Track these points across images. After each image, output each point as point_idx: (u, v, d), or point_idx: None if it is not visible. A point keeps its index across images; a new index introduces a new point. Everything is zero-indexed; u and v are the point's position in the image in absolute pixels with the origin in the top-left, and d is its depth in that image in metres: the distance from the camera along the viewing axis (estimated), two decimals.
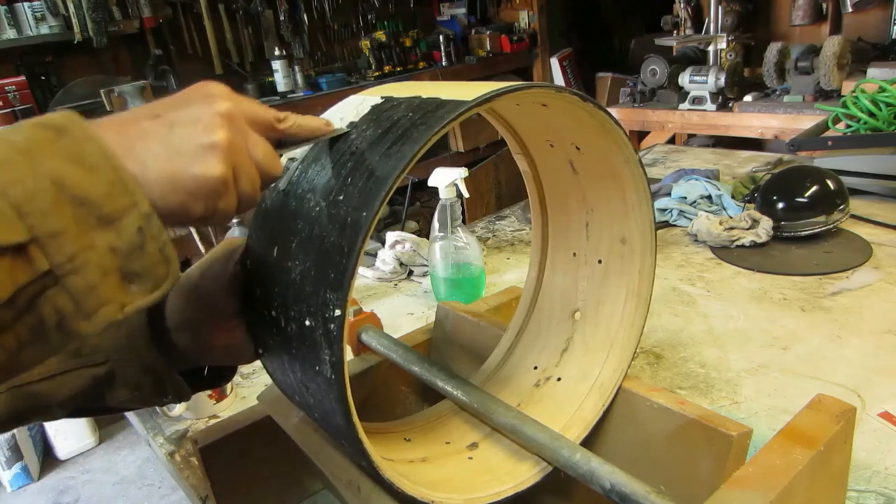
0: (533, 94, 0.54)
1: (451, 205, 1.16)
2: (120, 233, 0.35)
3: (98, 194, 0.34)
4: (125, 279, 0.36)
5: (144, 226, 0.36)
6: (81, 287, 0.34)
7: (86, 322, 0.34)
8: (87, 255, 0.34)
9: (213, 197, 0.40)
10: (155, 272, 0.37)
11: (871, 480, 0.72)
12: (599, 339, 0.70)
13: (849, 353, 0.96)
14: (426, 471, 0.63)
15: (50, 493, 2.49)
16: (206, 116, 0.40)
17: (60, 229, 0.33)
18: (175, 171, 0.38)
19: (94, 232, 0.34)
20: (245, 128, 0.43)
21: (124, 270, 0.36)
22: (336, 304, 0.44)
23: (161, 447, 0.91)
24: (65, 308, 0.34)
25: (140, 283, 0.36)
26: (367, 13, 4.24)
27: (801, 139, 1.59)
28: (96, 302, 0.35)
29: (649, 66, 2.91)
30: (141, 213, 0.36)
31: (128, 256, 0.35)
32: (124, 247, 0.35)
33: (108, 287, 0.35)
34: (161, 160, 0.38)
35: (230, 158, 0.40)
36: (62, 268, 0.33)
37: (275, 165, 0.45)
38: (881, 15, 2.91)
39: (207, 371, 0.60)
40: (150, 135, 0.38)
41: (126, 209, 0.35)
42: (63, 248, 0.33)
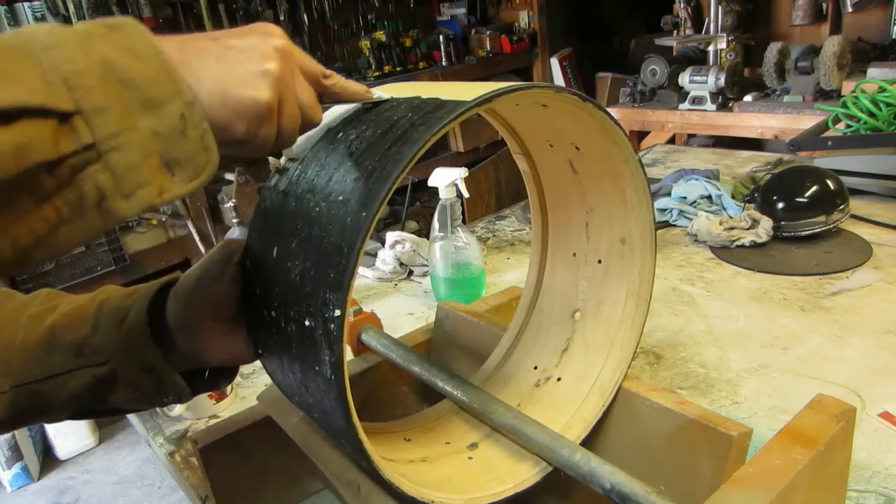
0: (533, 95, 0.54)
1: (451, 205, 1.16)
2: (163, 117, 0.36)
3: (144, 79, 0.36)
4: (166, 165, 0.37)
5: (187, 113, 0.37)
6: (122, 165, 0.35)
7: (125, 202, 0.35)
8: (129, 134, 0.35)
9: (257, 121, 0.42)
10: (195, 160, 0.38)
11: (871, 480, 0.72)
12: (599, 339, 0.70)
13: (849, 353, 0.96)
14: (426, 471, 0.63)
15: (50, 493, 2.49)
16: (263, 47, 0.42)
17: (105, 106, 0.34)
18: (226, 88, 0.40)
19: (138, 114, 0.36)
20: (295, 68, 0.45)
21: (165, 156, 0.37)
22: (336, 304, 0.44)
23: (161, 447, 0.91)
24: (105, 185, 0.35)
25: (180, 170, 0.38)
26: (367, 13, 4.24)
27: (801, 139, 1.59)
28: (136, 182, 0.35)
29: (649, 66, 2.91)
30: (184, 100, 0.37)
31: (169, 141, 0.37)
32: (166, 131, 0.36)
33: (149, 169, 0.36)
34: (214, 76, 0.40)
35: (278, 89, 0.42)
36: (105, 143, 0.34)
37: (316, 110, 0.47)
38: (881, 15, 2.91)
39: (208, 373, 0.60)
40: (207, 52, 0.40)
41: (170, 96, 0.37)
42: (107, 124, 0.34)
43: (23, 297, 0.58)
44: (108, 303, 0.55)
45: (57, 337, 0.53)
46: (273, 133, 0.43)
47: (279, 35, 0.44)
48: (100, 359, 0.52)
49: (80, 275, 2.56)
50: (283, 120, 0.44)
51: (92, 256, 2.58)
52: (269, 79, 0.42)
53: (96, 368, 0.52)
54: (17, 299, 0.57)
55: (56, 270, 2.49)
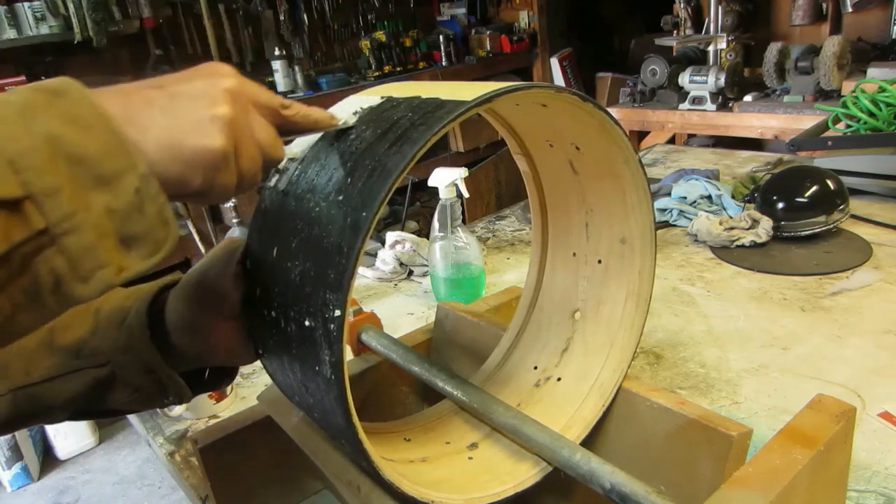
0: (533, 95, 0.54)
1: (451, 205, 1.16)
2: (117, 194, 0.34)
3: (94, 153, 0.34)
4: (123, 243, 0.35)
5: (142, 187, 0.35)
6: (78, 248, 0.33)
7: (83, 285, 0.34)
8: (83, 215, 0.33)
9: (213, 170, 0.39)
10: (154, 235, 0.36)
11: (871, 480, 0.72)
12: (599, 339, 0.70)
13: (849, 353, 0.96)
14: (426, 471, 0.63)
15: (50, 493, 2.49)
16: (212, 91, 0.40)
17: (56, 187, 0.32)
18: (175, 139, 0.38)
19: (91, 192, 0.34)
20: (249, 107, 0.42)
21: (122, 233, 0.35)
22: (336, 304, 0.44)
23: (161, 447, 0.91)
24: (61, 270, 0.33)
25: (139, 246, 0.36)
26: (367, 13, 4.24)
27: (801, 139, 1.59)
28: (93, 264, 0.34)
29: (649, 66, 2.91)
30: (138, 173, 0.35)
31: (126, 218, 0.35)
32: (122, 208, 0.35)
33: (106, 249, 0.34)
34: (162, 128, 0.37)
35: (232, 133, 0.40)
36: (58, 227, 0.32)
37: (277, 148, 0.45)
38: (881, 15, 2.91)
39: (209, 373, 0.60)
40: (152, 103, 0.38)
41: (123, 170, 0.35)
42: (59, 207, 0.32)
43: None
44: (108, 304, 0.55)
45: (55, 339, 0.53)
46: (233, 180, 0.41)
47: (228, 74, 0.42)
48: (99, 360, 0.52)
49: None
50: (242, 164, 0.41)
51: None
52: (221, 124, 0.39)
53: (96, 370, 0.52)
54: None
55: None
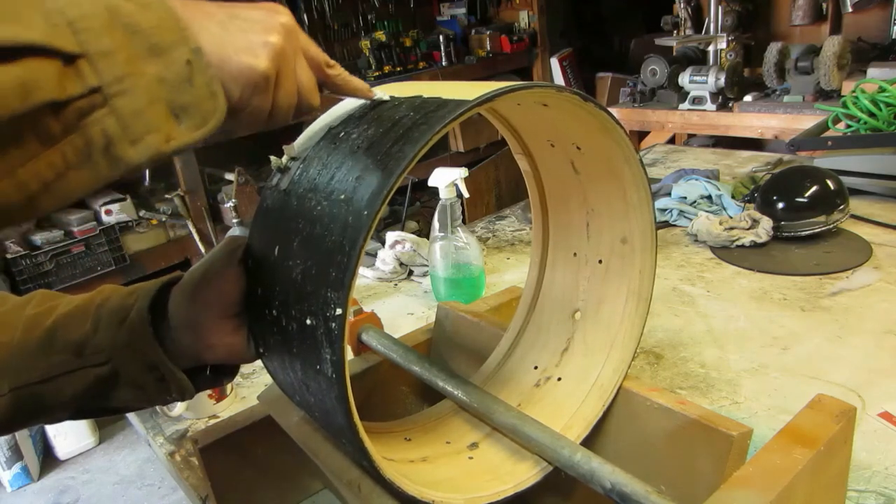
0: (534, 94, 0.54)
1: (451, 205, 1.16)
2: (168, 64, 0.36)
3: (149, 25, 0.36)
4: (173, 112, 0.37)
5: (193, 60, 0.37)
6: (129, 110, 0.35)
7: (132, 148, 0.35)
8: (135, 79, 0.35)
9: (251, 88, 0.41)
10: (202, 107, 0.38)
11: (871, 480, 0.72)
12: (600, 338, 0.70)
13: (849, 353, 0.96)
14: (426, 470, 0.63)
15: (50, 493, 2.49)
16: (269, 21, 0.42)
17: (110, 49, 0.34)
18: (225, 52, 0.40)
19: (144, 60, 0.36)
20: (298, 48, 0.45)
21: (172, 103, 0.37)
22: (337, 302, 0.44)
23: (161, 447, 0.91)
24: (112, 130, 0.35)
25: (188, 117, 0.38)
26: (367, 13, 4.24)
27: (801, 139, 1.59)
28: (143, 127, 0.35)
29: (649, 66, 2.91)
30: (190, 47, 0.37)
31: (176, 88, 0.37)
32: (172, 77, 0.37)
33: (156, 115, 0.36)
34: (214, 38, 0.39)
35: (277, 61, 0.42)
36: (111, 87, 0.34)
37: (314, 93, 0.47)
38: (881, 15, 2.91)
39: (209, 370, 0.60)
40: (212, 15, 0.40)
41: (175, 43, 0.37)
42: (112, 68, 0.34)
43: (18, 300, 0.57)
44: (109, 302, 0.55)
45: (56, 337, 0.53)
46: (267, 105, 0.43)
47: (287, 14, 0.44)
48: (101, 358, 0.52)
49: (80, 275, 2.55)
50: (278, 95, 0.43)
51: (92, 256, 2.58)
52: (269, 50, 0.41)
53: (97, 368, 0.52)
54: (11, 301, 0.57)
55: (56, 270, 2.49)
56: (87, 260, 2.57)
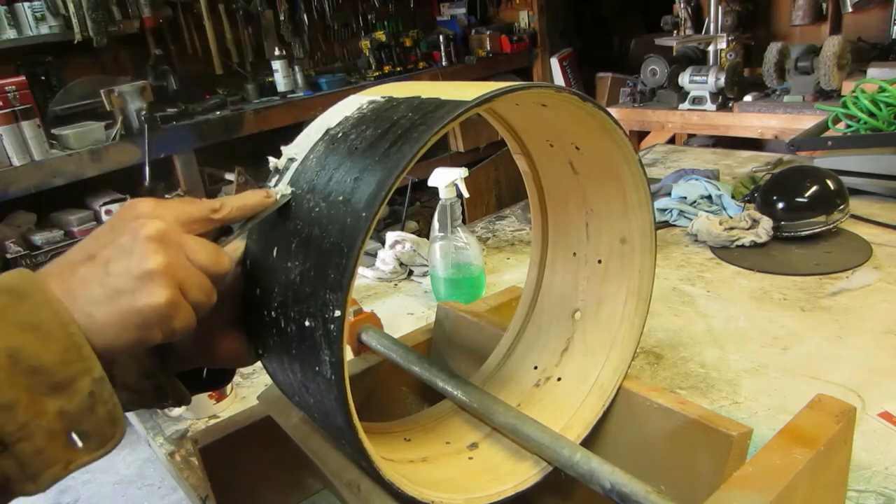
0: (533, 94, 0.54)
1: (451, 205, 1.16)
2: (71, 397, 0.37)
3: (52, 363, 0.36)
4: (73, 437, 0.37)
5: (96, 390, 0.37)
6: (29, 452, 0.35)
7: (31, 483, 0.36)
8: (36, 422, 0.35)
9: (166, 321, 0.40)
10: (102, 432, 0.38)
11: (871, 480, 0.72)
12: (599, 338, 0.70)
13: (849, 353, 0.96)
14: (426, 471, 0.63)
15: (50, 493, 2.49)
16: (138, 245, 0.40)
17: (13, 402, 0.35)
18: (121, 310, 0.39)
19: (46, 398, 0.36)
20: (180, 239, 0.42)
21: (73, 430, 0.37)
22: (336, 304, 0.44)
23: (161, 447, 0.91)
24: (11, 472, 0.35)
25: (87, 441, 0.38)
26: (367, 13, 4.24)
27: (801, 139, 1.59)
28: (42, 464, 0.36)
29: (649, 66, 2.91)
30: (93, 377, 0.37)
31: (76, 419, 0.37)
32: (74, 410, 0.37)
33: (55, 449, 0.36)
34: (105, 304, 0.39)
35: (172, 278, 0.40)
36: (12, 436, 0.35)
37: (220, 262, 0.44)
38: (881, 15, 2.91)
39: (207, 373, 0.60)
40: (88, 280, 0.39)
41: (79, 374, 0.37)
42: (14, 420, 0.35)
43: None
44: None
45: None
46: (190, 318, 0.42)
47: (148, 214, 0.41)
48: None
49: None
50: (192, 298, 0.42)
51: None
52: (157, 276, 0.40)
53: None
54: None
55: None
56: None
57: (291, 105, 3.36)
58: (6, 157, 2.45)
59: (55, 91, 2.89)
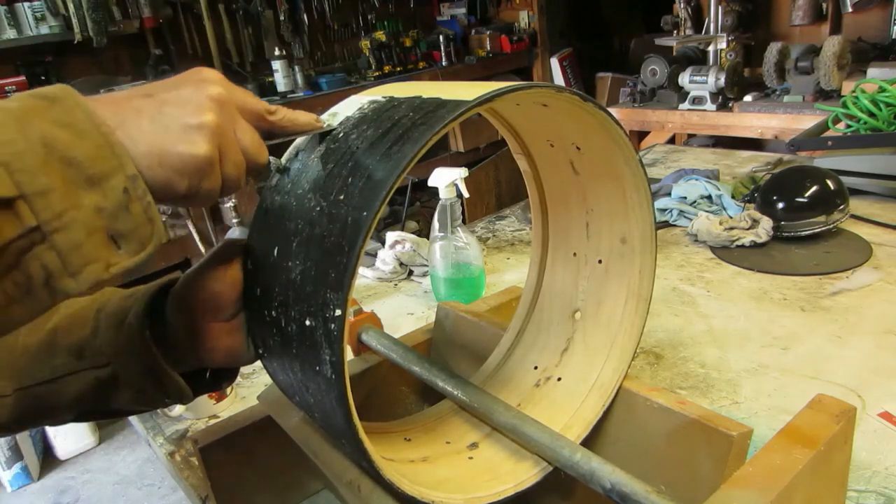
0: (533, 94, 0.54)
1: (451, 205, 1.16)
2: (106, 193, 0.37)
3: (85, 156, 0.36)
4: (111, 240, 0.37)
5: (130, 187, 0.38)
6: (68, 244, 0.35)
7: (72, 280, 0.36)
8: (73, 213, 0.35)
9: (198, 175, 0.41)
10: (140, 232, 0.39)
11: (871, 480, 0.72)
12: (600, 338, 0.70)
13: (849, 353, 0.96)
14: (426, 471, 0.63)
15: (50, 493, 2.49)
16: (197, 99, 0.42)
17: (48, 187, 0.34)
18: (162, 147, 0.40)
19: (81, 192, 0.36)
20: (234, 114, 0.44)
21: (110, 231, 0.37)
22: (336, 303, 0.44)
23: (161, 447, 0.91)
24: (52, 265, 0.35)
25: (126, 243, 0.38)
26: (367, 13, 4.24)
27: (801, 139, 1.59)
28: (82, 260, 0.36)
29: (649, 66, 2.91)
30: (126, 174, 0.38)
31: (114, 216, 0.37)
32: (110, 206, 0.37)
33: (95, 246, 0.37)
34: (150, 136, 0.39)
35: (216, 140, 0.42)
36: (49, 224, 0.35)
37: (261, 153, 0.46)
38: (881, 15, 2.91)
39: (210, 373, 0.60)
40: (141, 112, 0.40)
41: (112, 171, 0.37)
42: (50, 206, 0.35)
43: None
44: (108, 305, 0.55)
45: (58, 339, 0.53)
46: (217, 184, 0.43)
47: (215, 80, 0.43)
48: (101, 361, 0.52)
49: None
50: (226, 169, 0.43)
51: None
52: (206, 131, 0.41)
53: (98, 371, 0.52)
54: None
55: None
56: None
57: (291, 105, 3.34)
58: None
59: None
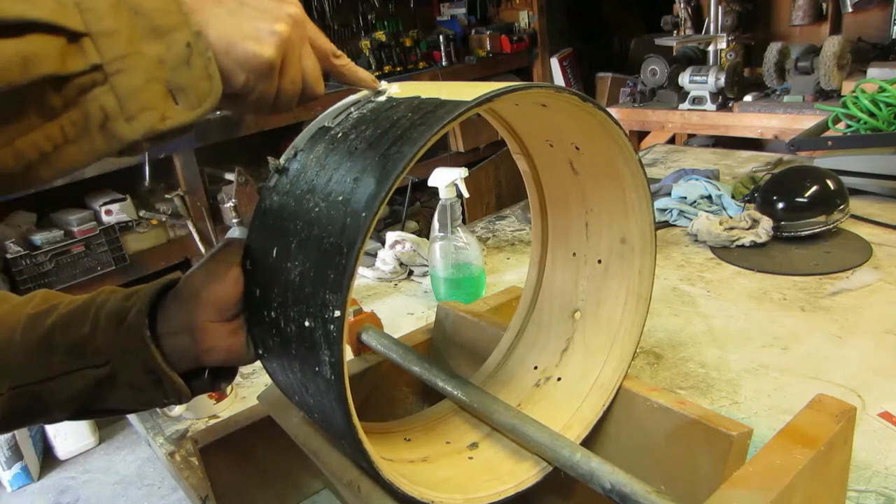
0: (533, 95, 0.54)
1: (451, 205, 1.16)
2: (169, 45, 0.38)
3: (153, 8, 0.37)
4: (170, 92, 0.38)
5: (193, 42, 0.39)
6: (127, 88, 0.36)
7: (128, 125, 0.37)
8: (135, 59, 0.37)
9: (257, 75, 0.43)
10: (198, 87, 0.39)
11: (871, 480, 0.72)
12: (599, 338, 0.70)
13: (849, 353, 0.96)
14: (426, 471, 0.63)
15: (50, 493, 2.49)
16: (277, 10, 0.44)
17: (114, 29, 0.36)
18: (233, 39, 0.41)
19: (146, 40, 0.37)
20: (305, 37, 0.46)
21: (170, 83, 0.38)
22: (335, 304, 0.44)
23: (161, 447, 0.91)
24: (109, 107, 0.36)
25: (184, 98, 0.39)
26: (367, 13, 4.24)
27: (801, 139, 1.59)
28: (139, 105, 0.37)
29: (649, 66, 2.91)
30: (191, 31, 0.39)
31: (174, 69, 0.38)
32: (172, 58, 0.38)
33: (153, 94, 0.38)
34: (223, 25, 0.41)
35: (283, 49, 0.44)
36: (112, 65, 0.36)
37: (318, 82, 0.48)
38: (881, 15, 2.90)
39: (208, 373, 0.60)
40: (222, 3, 0.42)
41: (177, 25, 0.38)
42: (114, 47, 0.36)
43: (19, 299, 0.57)
44: (108, 304, 0.54)
45: (56, 338, 0.53)
46: (272, 91, 0.44)
47: (296, 4, 0.45)
48: (99, 360, 0.52)
49: (80, 275, 2.55)
50: (283, 82, 0.45)
51: (92, 256, 2.58)
52: (276, 38, 0.43)
53: (96, 369, 0.52)
54: (12, 301, 0.57)
55: (56, 270, 2.49)
56: (87, 260, 2.57)
57: None
58: None
59: None
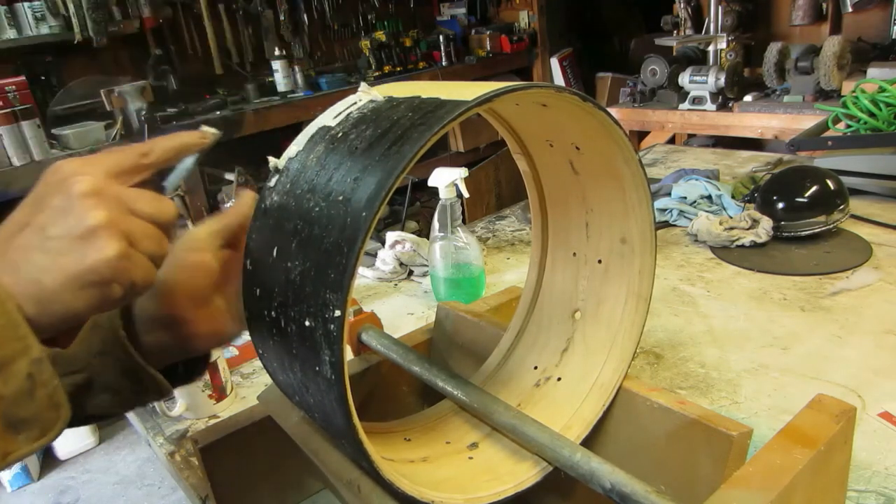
0: (533, 94, 0.54)
1: (451, 205, 1.16)
2: (7, 380, 0.34)
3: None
4: (11, 426, 0.35)
5: (35, 371, 0.35)
6: None
7: None
8: None
9: (123, 274, 0.38)
10: (43, 418, 0.36)
11: (871, 480, 0.72)
12: (599, 338, 0.70)
13: (849, 353, 0.96)
14: (426, 471, 0.63)
15: (50, 493, 2.49)
16: (73, 204, 0.38)
17: None
18: (70, 272, 0.37)
19: None
20: (116, 192, 0.40)
21: (10, 417, 0.35)
22: (336, 304, 0.44)
23: (161, 447, 0.91)
24: None
25: (27, 429, 0.36)
26: (367, 13, 4.24)
27: (801, 139, 1.59)
28: None
29: (649, 66, 2.91)
30: (31, 358, 0.35)
31: (15, 403, 0.35)
32: (11, 394, 0.35)
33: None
34: (51, 269, 0.37)
35: (117, 230, 0.38)
36: None
37: (165, 209, 0.42)
38: (881, 15, 2.90)
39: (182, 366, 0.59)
40: (28, 248, 0.37)
41: (16, 354, 0.35)
42: None
43: None
44: None
45: None
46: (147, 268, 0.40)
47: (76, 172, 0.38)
48: (75, 367, 0.51)
49: None
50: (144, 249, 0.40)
51: None
52: (101, 230, 0.37)
53: (72, 377, 0.50)
54: None
55: None
56: None
57: (291, 105, 3.36)
58: (6, 157, 2.45)
59: (55, 91, 2.89)
